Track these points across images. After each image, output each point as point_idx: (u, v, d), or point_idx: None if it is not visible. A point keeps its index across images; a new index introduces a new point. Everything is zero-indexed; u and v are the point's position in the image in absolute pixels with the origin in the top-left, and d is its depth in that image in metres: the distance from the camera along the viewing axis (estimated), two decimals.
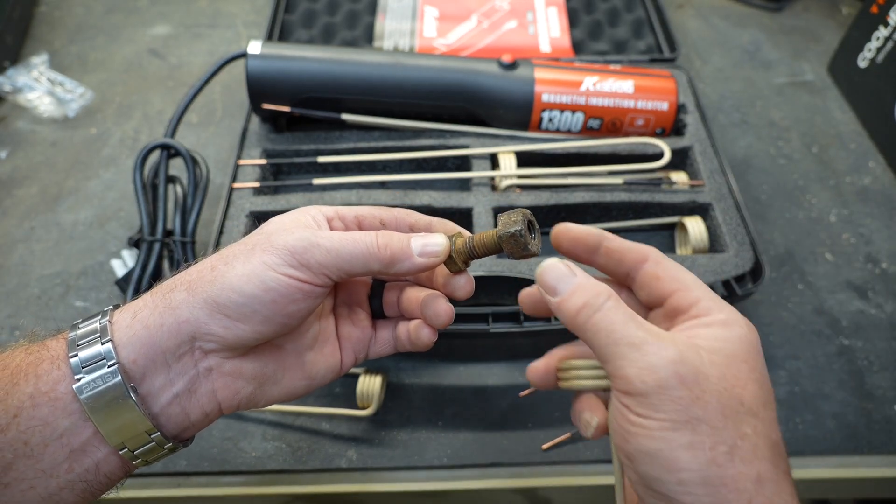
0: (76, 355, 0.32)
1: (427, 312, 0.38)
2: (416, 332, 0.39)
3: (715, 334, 0.30)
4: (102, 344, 0.32)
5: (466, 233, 0.38)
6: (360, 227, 0.38)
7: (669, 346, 0.28)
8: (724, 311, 0.31)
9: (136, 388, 0.32)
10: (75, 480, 0.32)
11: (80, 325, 0.33)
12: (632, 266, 0.34)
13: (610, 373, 0.29)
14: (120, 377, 0.31)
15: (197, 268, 0.34)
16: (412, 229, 0.39)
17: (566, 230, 0.35)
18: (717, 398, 0.27)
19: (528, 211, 0.35)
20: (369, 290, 0.42)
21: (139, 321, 0.33)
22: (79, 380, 0.31)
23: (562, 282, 0.31)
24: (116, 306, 0.34)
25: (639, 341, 0.28)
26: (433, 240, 0.35)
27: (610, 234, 0.35)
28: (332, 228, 0.37)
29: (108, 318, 0.33)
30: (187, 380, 0.33)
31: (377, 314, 0.42)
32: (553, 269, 0.32)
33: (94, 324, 0.33)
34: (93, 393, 0.31)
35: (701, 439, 0.27)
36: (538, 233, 0.36)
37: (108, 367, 0.31)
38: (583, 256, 0.35)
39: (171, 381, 0.33)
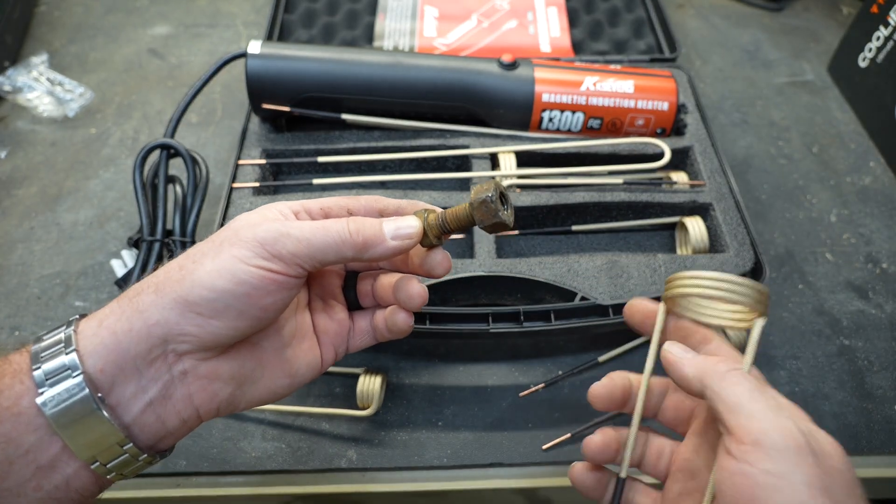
0: (39, 367, 0.30)
1: (400, 296, 0.37)
2: (392, 318, 0.38)
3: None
4: (67, 354, 0.30)
5: (438, 209, 0.37)
6: (328, 218, 0.37)
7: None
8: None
9: (105, 398, 0.31)
10: (44, 498, 0.30)
11: (44, 337, 0.32)
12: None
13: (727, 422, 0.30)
14: (87, 388, 0.30)
15: (164, 269, 0.33)
16: (381, 214, 0.38)
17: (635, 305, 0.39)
18: (840, 481, 0.28)
19: (500, 182, 0.35)
20: (343, 282, 0.41)
21: (105, 328, 0.31)
22: (42, 393, 0.30)
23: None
24: (83, 315, 0.33)
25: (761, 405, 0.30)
26: (405, 222, 0.35)
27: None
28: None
29: (72, 327, 0.32)
30: (161, 385, 0.32)
31: (353, 306, 0.41)
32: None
33: (59, 334, 0.31)
34: (59, 407, 0.29)
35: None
36: (511, 206, 0.36)
37: (74, 377, 0.30)
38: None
39: (144, 387, 0.32)
